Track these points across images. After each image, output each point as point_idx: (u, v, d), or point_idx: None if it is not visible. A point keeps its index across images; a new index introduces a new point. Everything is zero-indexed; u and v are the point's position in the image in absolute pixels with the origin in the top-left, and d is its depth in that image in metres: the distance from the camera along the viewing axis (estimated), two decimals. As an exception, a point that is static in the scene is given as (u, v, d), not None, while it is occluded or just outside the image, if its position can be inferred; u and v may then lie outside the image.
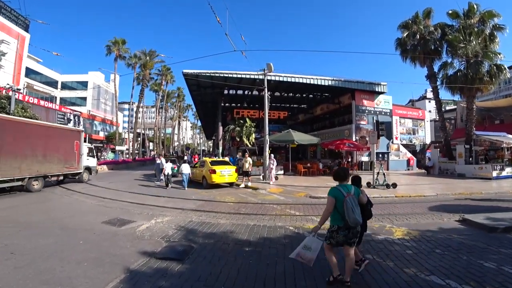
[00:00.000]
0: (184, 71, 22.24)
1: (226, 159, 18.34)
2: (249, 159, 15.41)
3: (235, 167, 15.15)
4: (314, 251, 3.80)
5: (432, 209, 8.98)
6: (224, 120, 29.27)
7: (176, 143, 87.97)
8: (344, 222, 3.72)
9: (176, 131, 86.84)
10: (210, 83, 24.28)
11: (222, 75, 22.01)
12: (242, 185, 14.59)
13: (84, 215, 8.59)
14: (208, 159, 16.07)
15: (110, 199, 11.36)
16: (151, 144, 69.01)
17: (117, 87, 71.43)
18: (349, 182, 4.25)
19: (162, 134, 79.81)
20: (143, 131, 69.12)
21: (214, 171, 14.09)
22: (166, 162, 15.91)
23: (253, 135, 21.95)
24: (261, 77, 21.63)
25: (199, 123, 79.71)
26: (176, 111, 78.70)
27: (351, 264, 3.84)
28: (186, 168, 14.64)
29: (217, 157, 22.54)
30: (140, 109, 55.93)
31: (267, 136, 16.03)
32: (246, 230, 6.68)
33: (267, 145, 16.02)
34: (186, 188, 13.99)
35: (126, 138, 69.76)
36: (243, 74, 22.07)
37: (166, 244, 5.76)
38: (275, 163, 16.02)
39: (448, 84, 20.09)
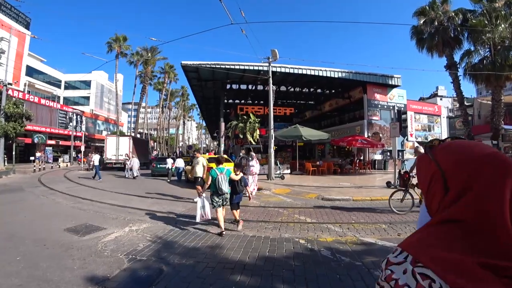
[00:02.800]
0: (183, 62, 20.69)
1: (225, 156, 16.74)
2: (202, 160, 10.06)
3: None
4: (207, 207, 6.38)
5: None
6: (226, 117, 27.69)
7: (181, 143, 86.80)
8: (216, 190, 6.00)
9: (180, 131, 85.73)
10: (212, 76, 22.76)
11: (224, 66, 20.39)
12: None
13: (48, 220, 7.07)
14: (205, 156, 14.49)
15: (90, 200, 9.93)
16: (155, 144, 67.87)
17: (121, 86, 71.24)
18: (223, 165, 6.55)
19: (166, 134, 78.93)
20: (146, 131, 68.23)
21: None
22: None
23: (258, 131, 20.27)
24: (265, 68, 19.99)
25: (204, 123, 78.48)
26: (180, 111, 77.57)
27: (222, 219, 5.92)
28: (180, 162, 15.37)
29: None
30: (143, 109, 54.82)
31: (272, 131, 14.33)
32: (241, 245, 5.04)
33: (272, 141, 14.34)
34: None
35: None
36: (247, 65, 20.42)
37: (128, 264, 4.18)
38: (256, 167, 10.89)
39: (473, 72, 18.13)
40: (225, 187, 5.98)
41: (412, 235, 0.72)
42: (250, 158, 10.86)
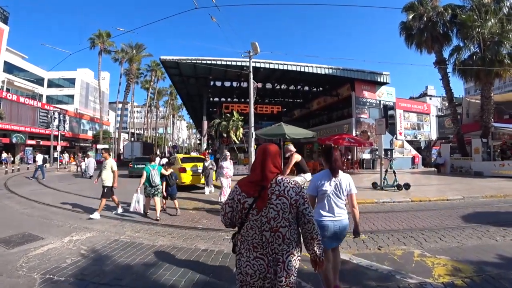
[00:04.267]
0: (162, 57, 19.66)
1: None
2: (111, 163, 7.75)
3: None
4: (141, 202, 7.27)
5: (468, 219, 6.45)
6: (209, 115, 26.73)
7: (170, 143, 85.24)
8: (149, 183, 7.35)
9: (170, 131, 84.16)
10: (194, 72, 21.80)
11: (205, 61, 19.42)
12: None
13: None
14: (179, 156, 13.52)
15: (45, 205, 8.97)
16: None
17: (107, 84, 69.38)
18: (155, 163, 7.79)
19: (157, 134, 77.31)
20: (136, 131, 66.58)
21: (184, 170, 11.52)
22: None
23: (241, 130, 19.36)
24: (252, 64, 19.18)
25: (192, 122, 77.06)
26: (169, 110, 76.06)
27: (158, 207, 7.25)
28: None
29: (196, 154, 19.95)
30: (128, 107, 53.35)
31: (252, 129, 13.41)
32: (184, 264, 4.13)
33: (253, 139, 13.43)
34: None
35: (118, 138, 67.44)
36: (229, 60, 19.49)
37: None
38: (231, 168, 9.28)
39: (463, 67, 17.54)
40: (157, 180, 7.39)
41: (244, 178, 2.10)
42: (224, 159, 9.47)
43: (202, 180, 11.69)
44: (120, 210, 7.73)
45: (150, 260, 4.32)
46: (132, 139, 43.46)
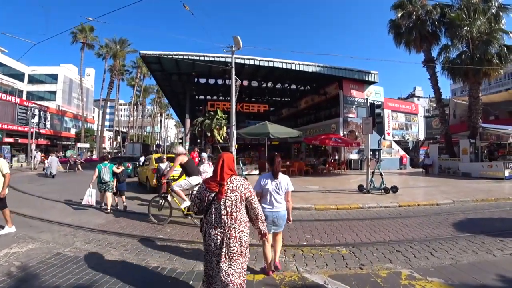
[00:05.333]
0: (142, 52, 18.68)
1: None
2: (2, 165, 5.76)
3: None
4: (93, 196, 7.82)
5: (460, 227, 5.85)
6: (195, 113, 25.84)
7: (157, 142, 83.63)
8: (101, 180, 7.84)
9: (157, 129, 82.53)
10: (176, 68, 20.86)
11: (188, 57, 18.50)
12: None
13: None
14: (154, 155, 12.63)
15: None
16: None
17: (92, 81, 67.42)
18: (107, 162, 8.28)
19: (144, 133, 75.63)
20: (122, 129, 64.84)
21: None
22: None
23: (224, 129, 18.56)
24: (236, 60, 18.37)
25: (179, 120, 75.62)
26: (156, 108, 74.52)
27: (109, 202, 7.75)
28: None
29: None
30: (113, 104, 51.79)
31: (233, 128, 12.63)
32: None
33: (234, 138, 12.65)
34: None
35: (104, 136, 65.60)
36: (213, 56, 18.62)
37: None
38: (210, 172, 7.53)
39: (451, 65, 17.21)
40: (107, 177, 7.91)
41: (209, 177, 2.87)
42: (201, 162, 7.91)
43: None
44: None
45: (86, 281, 3.53)
46: (82, 131, 42.39)
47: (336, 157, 20.78)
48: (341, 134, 20.89)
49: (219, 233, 2.56)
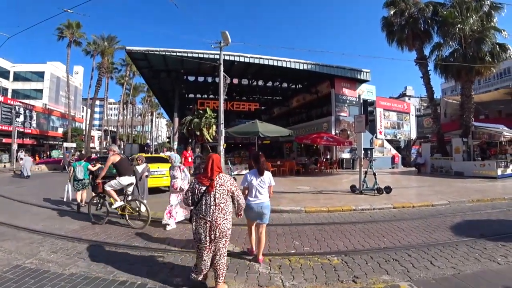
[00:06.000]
0: (128, 48, 18.05)
1: (169, 153, 14.33)
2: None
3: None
4: (71, 193, 8.69)
5: (459, 231, 5.48)
6: (183, 111, 25.23)
7: (148, 141, 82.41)
8: (76, 177, 8.22)
9: (148, 129, 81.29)
10: (164, 65, 20.26)
11: (176, 53, 17.92)
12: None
13: None
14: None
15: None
16: (122, 143, 63.23)
17: (81, 79, 65.95)
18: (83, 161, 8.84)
19: (134, 132, 74.35)
20: (112, 128, 63.71)
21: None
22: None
23: (214, 127, 18.04)
24: (225, 57, 17.85)
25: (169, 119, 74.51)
26: (147, 107, 73.47)
27: (83, 198, 8.25)
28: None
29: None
30: (99, 103, 50.70)
31: (221, 127, 12.12)
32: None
33: (222, 137, 12.15)
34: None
35: (93, 136, 64.23)
36: (202, 53, 18.09)
37: None
38: (186, 179, 6.28)
39: (444, 63, 17.01)
40: (81, 175, 8.25)
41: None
42: (173, 166, 6.28)
43: (159, 182, 10.39)
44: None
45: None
46: (69, 130, 41.67)
47: (328, 156, 20.43)
48: (333, 133, 20.57)
49: (207, 222, 3.15)
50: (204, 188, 3.21)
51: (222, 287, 3.21)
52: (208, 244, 3.15)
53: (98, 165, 9.00)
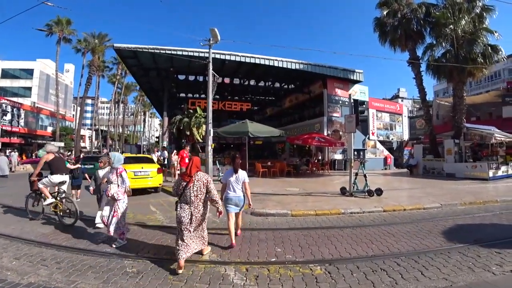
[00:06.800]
0: (116, 45, 17.54)
1: (158, 153, 13.95)
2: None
3: (157, 166, 10.85)
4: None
5: (451, 236, 5.20)
6: (174, 111, 24.76)
7: (140, 141, 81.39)
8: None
9: (141, 128, 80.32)
10: (154, 63, 19.81)
11: (165, 51, 17.47)
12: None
13: None
14: (123, 155, 11.63)
15: None
16: (113, 142, 62.26)
17: (71, 78, 64.87)
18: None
19: (126, 132, 73.44)
20: (103, 128, 62.64)
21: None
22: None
23: (203, 127, 17.63)
24: (216, 55, 17.49)
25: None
26: (140, 106, 72.60)
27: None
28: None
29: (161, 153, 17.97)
30: (91, 102, 49.83)
31: (210, 126, 11.74)
32: None
33: (210, 137, 11.77)
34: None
35: (84, 135, 63.11)
36: (192, 51, 17.65)
37: None
38: (122, 185, 5.11)
39: (436, 63, 16.89)
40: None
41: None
42: (111, 168, 5.37)
43: (143, 183, 9.99)
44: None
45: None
46: (58, 129, 40.92)
47: (320, 157, 20.17)
48: (325, 133, 20.32)
49: (188, 208, 4.00)
50: (185, 183, 4.04)
51: (206, 249, 4.44)
52: (188, 225, 3.95)
53: (78, 165, 9.64)
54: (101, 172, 6.46)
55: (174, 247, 4.02)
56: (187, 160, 13.72)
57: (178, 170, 12.42)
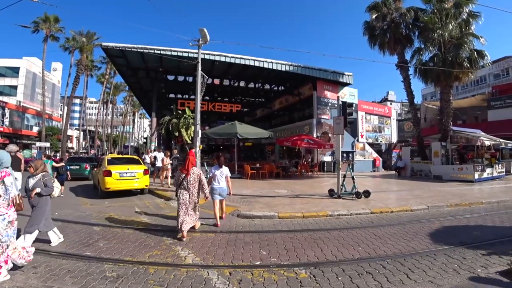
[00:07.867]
0: (104, 44, 17.23)
1: (152, 154, 13.70)
2: None
3: (144, 168, 10.62)
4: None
5: (437, 238, 5.18)
6: (163, 112, 24.46)
7: (128, 142, 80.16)
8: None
9: (130, 129, 79.18)
10: (142, 62, 19.49)
11: (154, 51, 17.21)
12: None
13: None
14: (108, 156, 11.40)
15: None
16: (101, 143, 61.10)
17: (59, 77, 63.55)
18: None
19: (115, 132, 72.14)
20: (91, 128, 61.50)
21: (109, 173, 9.44)
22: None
23: (192, 128, 17.38)
24: (205, 56, 17.33)
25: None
26: (129, 107, 71.56)
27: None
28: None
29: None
30: (79, 101, 48.83)
31: (198, 127, 11.58)
32: None
33: (199, 138, 11.60)
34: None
35: (72, 136, 61.81)
36: (181, 51, 17.44)
37: None
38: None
39: (424, 67, 17.12)
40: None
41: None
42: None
43: (129, 185, 9.76)
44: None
45: None
46: (44, 129, 39.98)
47: (310, 159, 20.19)
48: (315, 135, 20.37)
49: (186, 193, 5.37)
50: (183, 175, 5.40)
51: (197, 225, 5.78)
52: (187, 204, 5.33)
53: (62, 164, 11.14)
54: (30, 181, 4.97)
55: (174, 225, 5.49)
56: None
57: (170, 175, 12.23)
